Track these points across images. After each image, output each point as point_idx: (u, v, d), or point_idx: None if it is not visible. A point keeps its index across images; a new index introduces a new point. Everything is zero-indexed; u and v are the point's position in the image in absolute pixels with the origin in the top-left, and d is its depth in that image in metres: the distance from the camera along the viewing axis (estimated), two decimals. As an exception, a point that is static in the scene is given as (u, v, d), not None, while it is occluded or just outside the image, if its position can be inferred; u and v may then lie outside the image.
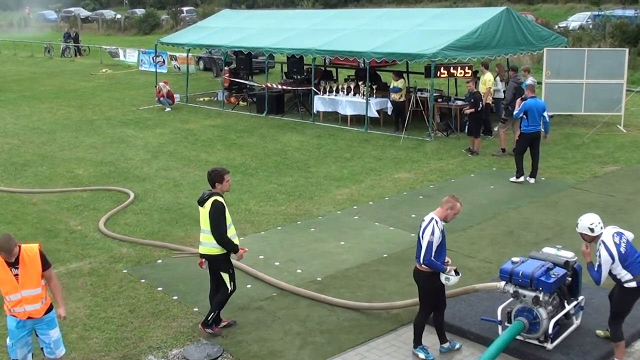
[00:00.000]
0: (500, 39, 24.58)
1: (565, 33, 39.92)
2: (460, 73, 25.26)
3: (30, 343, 9.06)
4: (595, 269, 9.15)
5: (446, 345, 10.00)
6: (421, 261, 9.42)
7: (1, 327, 10.52)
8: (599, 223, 9.25)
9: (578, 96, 24.38)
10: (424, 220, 9.63)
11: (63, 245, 14.43)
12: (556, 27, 45.14)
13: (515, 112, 19.26)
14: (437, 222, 9.47)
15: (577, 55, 25.14)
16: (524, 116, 18.45)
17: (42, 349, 9.08)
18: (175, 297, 11.96)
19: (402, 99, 24.95)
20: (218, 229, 10.28)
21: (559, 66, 24.71)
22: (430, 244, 9.36)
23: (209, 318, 10.62)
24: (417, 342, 9.90)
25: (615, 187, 17.73)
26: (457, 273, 9.53)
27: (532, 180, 18.55)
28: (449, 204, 9.66)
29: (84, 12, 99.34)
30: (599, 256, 9.08)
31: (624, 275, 9.08)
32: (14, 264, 8.65)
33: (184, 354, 10.03)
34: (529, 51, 26.38)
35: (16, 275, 8.64)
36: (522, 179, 18.53)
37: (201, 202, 10.48)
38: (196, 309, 11.43)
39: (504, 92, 23.40)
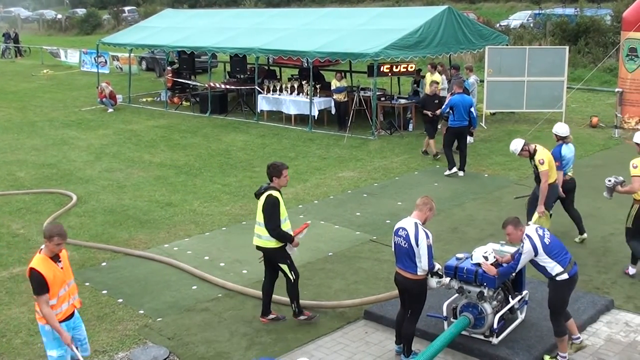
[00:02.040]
0: (442, 37, 24.79)
1: (507, 31, 40.40)
2: (403, 71, 25.40)
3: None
4: (514, 259, 9.48)
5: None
6: (426, 267, 9.19)
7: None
8: (492, 252, 9.85)
9: (520, 94, 24.70)
10: (403, 228, 9.35)
11: (5, 250, 14.19)
12: (497, 25, 45.61)
13: (442, 108, 20.01)
14: (421, 225, 9.34)
15: (519, 54, 25.47)
16: (451, 111, 19.09)
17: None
18: (120, 300, 11.83)
19: (345, 99, 25.01)
20: (271, 223, 10.39)
21: (501, 64, 25.00)
22: (430, 248, 9.19)
23: (294, 309, 10.83)
24: (410, 351, 9.61)
25: (556, 183, 17.97)
26: (440, 276, 9.54)
27: (461, 173, 19.12)
28: (428, 205, 9.50)
29: (24, 12, 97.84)
30: (522, 247, 9.27)
31: (553, 267, 9.22)
32: (57, 258, 8.48)
33: (130, 357, 9.92)
34: (470, 50, 26.64)
35: (62, 268, 8.47)
36: (454, 169, 19.04)
37: (257, 195, 10.62)
38: (141, 312, 11.32)
39: (447, 90, 23.60)
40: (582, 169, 19.29)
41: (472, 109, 19.25)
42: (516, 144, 13.33)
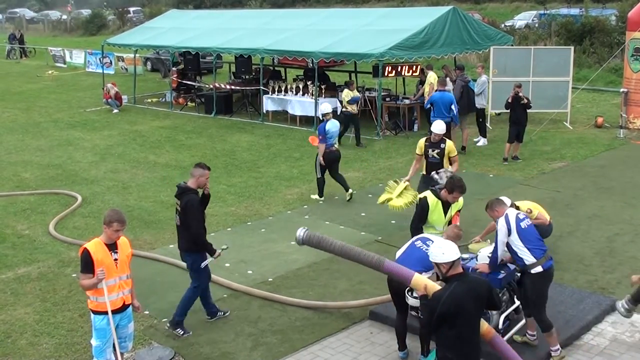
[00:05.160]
0: (447, 38, 24.78)
1: (512, 32, 40.30)
2: (408, 72, 25.42)
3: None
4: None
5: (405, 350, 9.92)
6: None
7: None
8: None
9: (525, 94, 24.58)
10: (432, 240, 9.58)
11: (11, 250, 14.21)
12: (502, 26, 45.48)
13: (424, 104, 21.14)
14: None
15: (524, 54, 25.45)
16: (432, 107, 19.90)
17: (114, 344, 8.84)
18: (125, 301, 11.83)
19: (357, 111, 23.41)
20: (413, 222, 11.06)
21: (506, 64, 24.99)
22: None
23: None
24: (429, 350, 9.50)
25: (562, 183, 17.97)
26: None
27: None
28: (460, 239, 9.78)
29: (29, 13, 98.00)
30: (497, 224, 9.42)
31: (527, 257, 9.22)
32: (113, 247, 8.54)
33: (135, 358, 9.93)
34: (475, 50, 26.61)
35: (115, 260, 8.52)
36: None
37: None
38: (147, 312, 11.29)
39: (452, 91, 23.55)
40: (588, 169, 19.34)
41: (453, 106, 19.69)
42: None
